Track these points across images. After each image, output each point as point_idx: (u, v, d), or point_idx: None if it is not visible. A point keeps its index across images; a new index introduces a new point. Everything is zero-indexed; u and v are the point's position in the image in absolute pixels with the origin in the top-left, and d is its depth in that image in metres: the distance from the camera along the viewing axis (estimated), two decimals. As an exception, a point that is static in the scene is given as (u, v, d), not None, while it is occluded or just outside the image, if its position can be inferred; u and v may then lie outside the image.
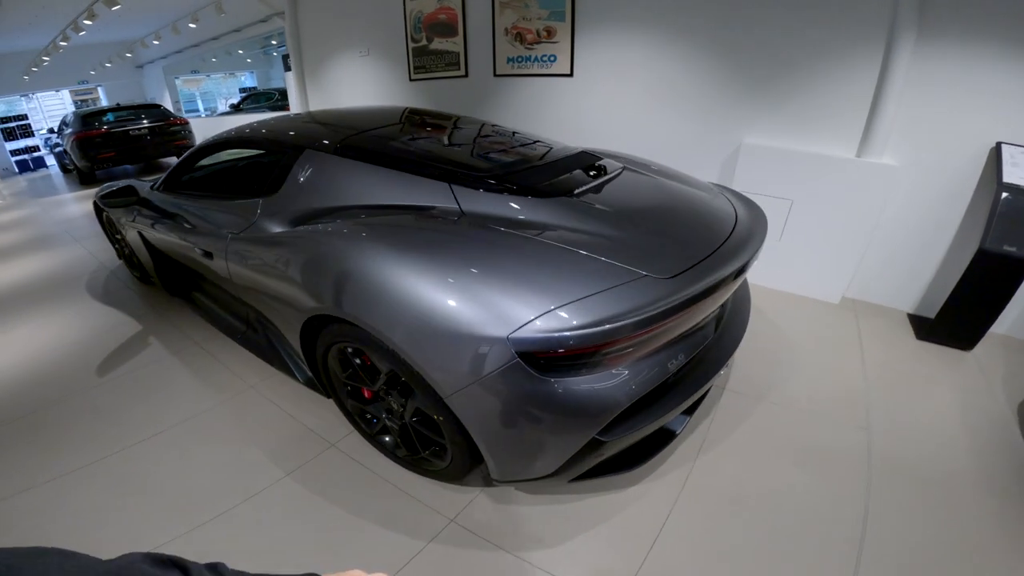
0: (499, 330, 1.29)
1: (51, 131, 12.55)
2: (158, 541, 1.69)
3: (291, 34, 6.41)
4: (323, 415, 2.26)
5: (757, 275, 3.35)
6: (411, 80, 5.34)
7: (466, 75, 4.85)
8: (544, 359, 1.28)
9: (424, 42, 5.02)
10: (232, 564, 0.52)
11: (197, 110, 17.37)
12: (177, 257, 2.92)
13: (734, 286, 1.67)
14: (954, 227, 2.88)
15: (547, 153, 2.29)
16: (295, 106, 7.19)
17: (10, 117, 13.43)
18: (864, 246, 3.07)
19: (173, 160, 9.80)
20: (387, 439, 1.94)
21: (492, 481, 1.67)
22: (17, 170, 12.65)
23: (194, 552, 1.63)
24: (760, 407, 2.26)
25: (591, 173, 2.06)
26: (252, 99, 12.62)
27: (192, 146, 9.54)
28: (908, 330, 2.95)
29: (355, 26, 5.68)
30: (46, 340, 3.28)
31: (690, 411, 1.86)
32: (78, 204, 7.63)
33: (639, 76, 3.74)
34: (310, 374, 2.10)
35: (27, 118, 13.68)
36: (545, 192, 1.80)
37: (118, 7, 6.31)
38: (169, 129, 9.05)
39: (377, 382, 1.76)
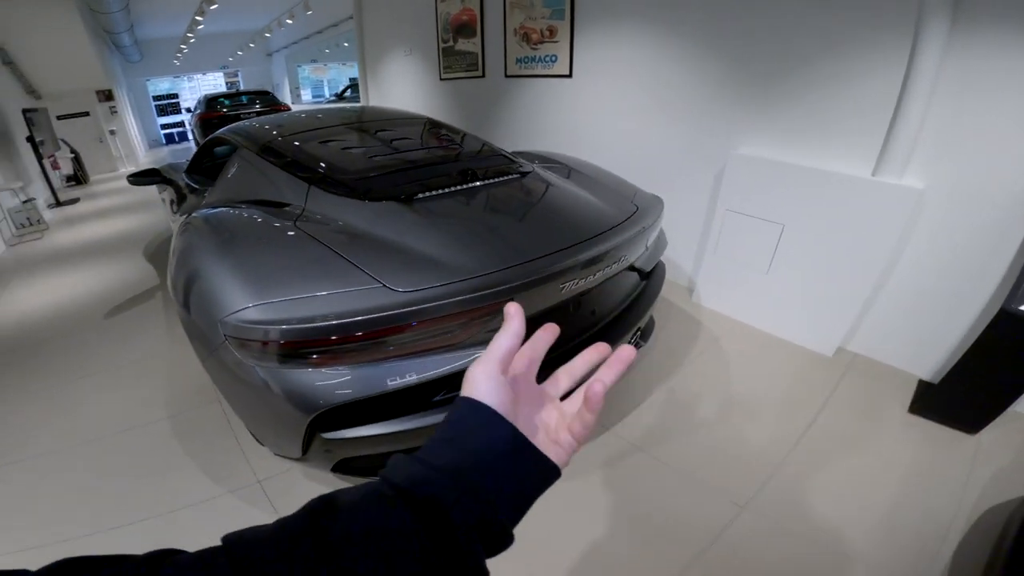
0: (219, 313, 1.45)
1: (187, 110, 14.78)
2: (44, 449, 2.18)
3: (357, 33, 7.00)
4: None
5: (739, 309, 3.06)
6: (441, 80, 5.61)
7: (483, 76, 5.00)
8: (256, 345, 1.43)
9: (451, 43, 5.24)
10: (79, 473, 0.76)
11: (322, 95, 19.41)
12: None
13: (544, 298, 1.62)
14: (996, 276, 2.18)
15: (435, 159, 2.42)
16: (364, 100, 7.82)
17: (164, 95, 16.06)
18: (871, 288, 2.50)
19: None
20: None
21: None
22: (164, 141, 15.15)
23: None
24: (632, 458, 2.05)
25: (465, 180, 2.15)
26: (353, 88, 13.81)
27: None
28: (906, 400, 2.34)
29: (404, 27, 6.05)
30: (92, 283, 4.09)
31: None
32: (190, 174, 9.01)
33: (635, 77, 3.52)
34: None
35: (177, 97, 16.26)
36: (379, 197, 1.93)
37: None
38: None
39: None
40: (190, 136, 14.69)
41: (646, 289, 2.25)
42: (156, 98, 15.82)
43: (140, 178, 3.52)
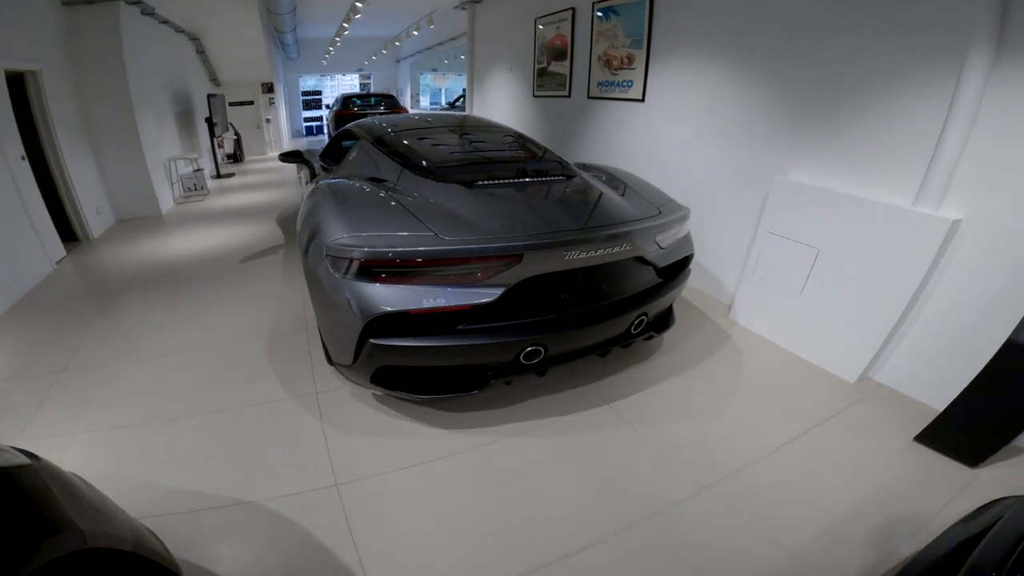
0: (326, 240, 2.02)
1: (327, 106, 16.59)
2: (172, 350, 2.86)
3: (468, 48, 7.65)
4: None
5: (770, 329, 3.13)
6: (534, 96, 6.03)
7: (569, 95, 5.35)
8: (344, 263, 1.93)
9: (545, 64, 5.64)
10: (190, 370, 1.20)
11: (438, 102, 20.95)
12: None
13: (538, 263, 2.01)
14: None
15: (501, 159, 2.92)
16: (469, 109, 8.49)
17: (311, 91, 18.19)
18: (899, 317, 2.48)
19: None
20: None
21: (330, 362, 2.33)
22: (305, 132, 17.18)
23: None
24: (619, 429, 2.28)
25: (519, 175, 2.66)
26: (464, 99, 14.75)
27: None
28: (915, 429, 2.26)
29: (507, 47, 6.57)
30: (233, 238, 4.99)
31: (496, 375, 2.18)
32: (319, 160, 10.29)
33: (699, 103, 3.69)
34: None
35: (321, 94, 18.35)
36: (448, 180, 2.45)
37: (368, 4, 8.13)
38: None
39: None
40: (325, 129, 16.56)
41: (662, 285, 2.50)
42: (304, 93, 17.99)
43: (287, 157, 4.35)
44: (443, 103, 20.55)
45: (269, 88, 11.77)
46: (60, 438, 2.17)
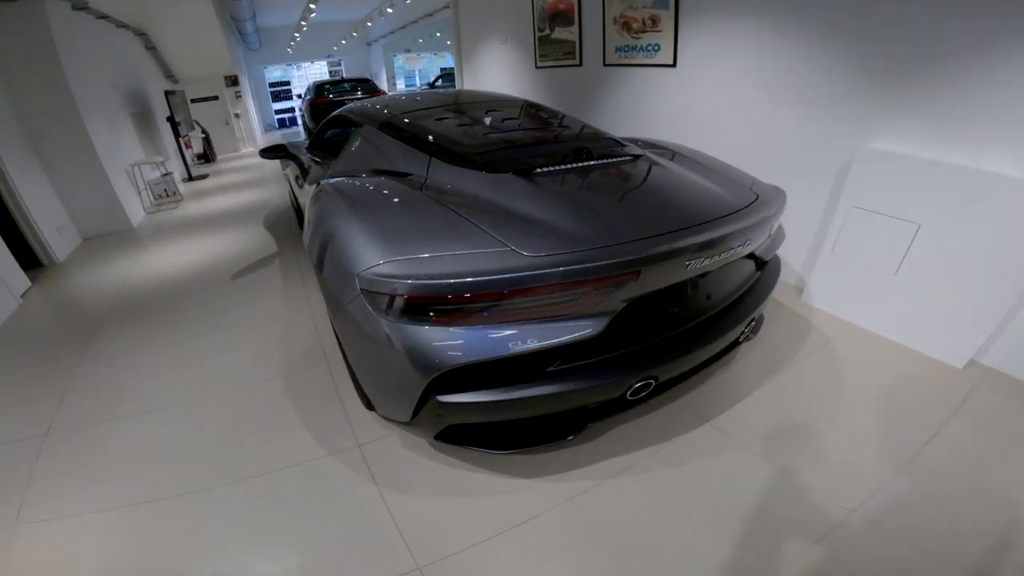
0: (356, 268, 1.50)
1: (299, 96, 15.66)
2: (173, 401, 2.35)
3: (454, 22, 7.00)
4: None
5: (856, 312, 2.74)
6: (536, 68, 5.48)
7: (580, 64, 4.82)
8: (385, 299, 1.44)
9: (547, 31, 5.08)
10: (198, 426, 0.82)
11: (414, 83, 19.96)
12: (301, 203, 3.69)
13: (656, 278, 1.52)
14: None
15: (548, 138, 2.41)
16: (460, 87, 7.86)
17: (278, 82, 17.13)
18: (1018, 299, 2.17)
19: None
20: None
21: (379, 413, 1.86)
22: (277, 125, 16.21)
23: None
24: (732, 453, 1.88)
25: (580, 158, 2.12)
26: (444, 78, 13.98)
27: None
28: None
29: (499, 16, 5.96)
30: (218, 249, 4.41)
31: (593, 418, 1.74)
32: (298, 154, 9.56)
33: (746, 67, 3.24)
34: None
35: (289, 84, 17.29)
36: (498, 169, 1.92)
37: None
38: (374, 100, 10.60)
39: None
40: (299, 121, 15.65)
41: (761, 280, 2.08)
42: (271, 85, 16.92)
43: (270, 152, 3.78)
44: (419, 85, 19.65)
45: (233, 81, 10.91)
46: (62, 522, 1.72)
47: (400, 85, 18.67)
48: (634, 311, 1.56)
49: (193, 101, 9.82)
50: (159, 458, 2.01)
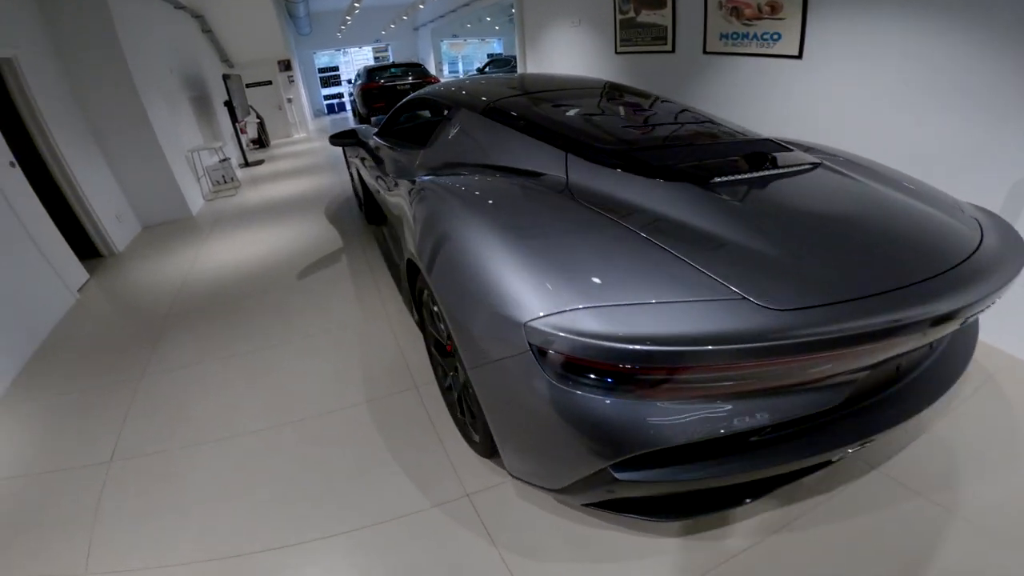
0: (520, 314, 1.13)
1: (348, 81, 15.52)
2: (251, 428, 2.06)
3: (517, 4, 6.55)
4: (425, 357, 2.36)
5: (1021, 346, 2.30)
6: (616, 53, 5.00)
7: (672, 51, 4.33)
8: (560, 359, 1.08)
9: (631, 14, 4.61)
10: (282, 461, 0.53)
11: (458, 70, 19.58)
12: (372, 191, 3.39)
13: (914, 341, 1.14)
14: None
15: (706, 135, 1.97)
16: (521, 71, 7.44)
17: (327, 68, 17.03)
18: None
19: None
20: (453, 396, 1.95)
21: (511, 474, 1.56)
22: (326, 111, 16.12)
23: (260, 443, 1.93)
24: (909, 503, 1.56)
25: (756, 164, 1.68)
26: (494, 64, 13.54)
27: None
28: None
29: (574, -4, 5.51)
30: (281, 242, 4.17)
31: (785, 482, 1.39)
32: (350, 142, 9.36)
33: (894, 61, 2.74)
34: (416, 316, 2.23)
35: (338, 70, 17.17)
36: (668, 175, 1.52)
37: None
38: (425, 85, 10.31)
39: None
40: (348, 107, 15.54)
41: (965, 333, 1.60)
42: (320, 70, 16.86)
43: (340, 138, 3.59)
44: (461, 72, 19.26)
45: (286, 66, 10.79)
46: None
47: (446, 72, 18.36)
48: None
49: (248, 86, 9.73)
50: (238, 497, 1.74)
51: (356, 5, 10.91)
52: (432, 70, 16.82)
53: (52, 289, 3.19)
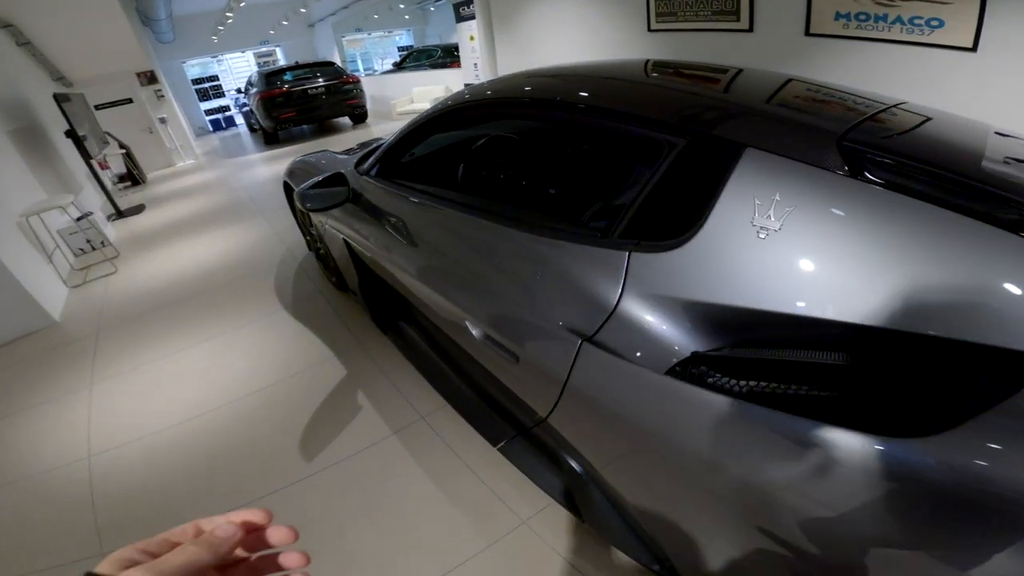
0: None
1: (238, 91, 12.89)
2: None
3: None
4: None
5: None
6: (650, 31, 3.84)
7: (750, 29, 3.26)
8: None
9: (679, -24, 3.48)
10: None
11: (357, 70, 17.24)
12: (404, 294, 1.91)
13: None
14: None
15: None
16: (468, 62, 6.09)
17: (203, 78, 14.04)
18: None
19: (345, 121, 9.33)
20: None
21: None
22: (211, 128, 13.26)
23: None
24: None
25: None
26: (414, 57, 11.80)
27: (363, 106, 9.13)
28: None
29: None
30: (231, 357, 2.49)
31: None
32: (265, 166, 7.36)
33: None
34: None
35: (218, 79, 14.23)
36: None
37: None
38: (343, 88, 8.55)
39: None
40: (239, 121, 12.94)
41: None
42: (194, 82, 13.84)
43: (320, 202, 1.98)
44: (361, 72, 16.97)
45: (151, 78, 8.34)
46: None
47: (359, 68, 16.15)
48: None
49: (98, 107, 7.28)
50: None
51: (236, 4, 8.75)
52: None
53: None
